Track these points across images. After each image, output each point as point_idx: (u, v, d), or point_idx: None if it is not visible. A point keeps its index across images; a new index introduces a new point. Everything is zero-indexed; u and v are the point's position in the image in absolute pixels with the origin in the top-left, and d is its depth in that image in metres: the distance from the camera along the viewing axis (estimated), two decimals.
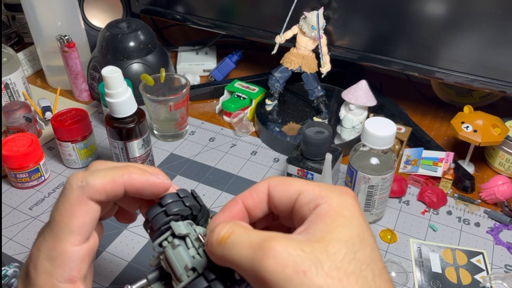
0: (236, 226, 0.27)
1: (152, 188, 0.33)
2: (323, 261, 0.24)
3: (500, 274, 0.52)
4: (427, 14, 0.63)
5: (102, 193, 0.31)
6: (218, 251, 0.27)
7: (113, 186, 0.32)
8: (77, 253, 0.31)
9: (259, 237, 0.26)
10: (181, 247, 0.31)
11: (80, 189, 0.31)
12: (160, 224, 0.32)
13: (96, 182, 0.31)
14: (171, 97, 0.68)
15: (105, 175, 0.32)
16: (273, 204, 0.30)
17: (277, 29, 0.71)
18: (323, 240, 0.25)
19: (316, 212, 0.27)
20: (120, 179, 0.32)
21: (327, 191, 0.28)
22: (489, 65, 0.62)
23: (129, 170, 0.32)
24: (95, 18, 0.91)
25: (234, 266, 0.27)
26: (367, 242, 0.26)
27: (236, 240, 0.26)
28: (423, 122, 0.79)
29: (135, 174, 0.32)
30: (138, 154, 0.62)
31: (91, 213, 0.31)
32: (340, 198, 0.28)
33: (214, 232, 0.28)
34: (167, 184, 0.33)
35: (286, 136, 0.71)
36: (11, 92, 0.76)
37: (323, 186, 0.29)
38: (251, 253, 0.25)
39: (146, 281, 0.32)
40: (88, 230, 0.31)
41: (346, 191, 0.29)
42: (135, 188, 0.32)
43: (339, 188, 0.29)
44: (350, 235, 0.26)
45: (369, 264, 0.25)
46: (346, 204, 0.28)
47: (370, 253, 0.26)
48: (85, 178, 0.31)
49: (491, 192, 0.60)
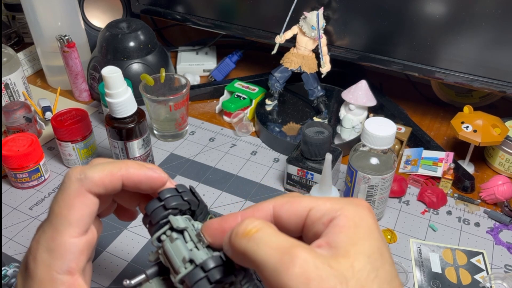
0: (266, 224, 0.27)
1: (150, 182, 0.33)
2: (348, 279, 0.24)
3: (500, 274, 0.52)
4: (427, 14, 0.63)
5: (101, 186, 0.32)
6: (242, 244, 0.26)
7: (111, 179, 0.32)
8: (75, 245, 0.31)
9: (288, 242, 0.25)
10: (179, 240, 0.31)
11: (79, 181, 0.31)
12: (158, 218, 0.33)
13: (95, 175, 0.32)
14: (171, 97, 0.68)
15: (104, 169, 0.32)
16: (281, 224, 0.29)
17: (277, 29, 0.71)
18: (348, 254, 0.25)
19: (333, 224, 0.26)
20: (118, 172, 0.32)
21: (339, 204, 0.27)
22: (489, 65, 0.62)
23: (127, 164, 0.33)
24: (95, 18, 0.91)
25: (254, 264, 0.26)
26: (385, 257, 0.26)
27: (264, 237, 0.25)
28: (423, 122, 0.79)
29: (132, 168, 0.33)
30: (138, 154, 0.62)
31: (90, 205, 0.32)
32: (355, 210, 0.27)
33: (242, 223, 0.27)
34: (164, 179, 0.34)
35: (286, 136, 0.71)
36: (11, 92, 0.76)
37: (333, 200, 0.28)
38: (278, 256, 0.24)
39: (144, 276, 0.32)
40: (86, 222, 0.32)
41: (360, 202, 0.28)
42: (133, 181, 0.33)
43: (351, 200, 0.28)
44: (372, 249, 0.25)
45: (389, 283, 0.25)
46: (362, 215, 0.27)
47: (389, 269, 0.25)
48: (83, 171, 0.32)
49: (491, 192, 0.60)
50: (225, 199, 0.62)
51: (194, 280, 0.29)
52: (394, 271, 0.26)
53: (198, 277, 0.29)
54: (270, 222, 0.28)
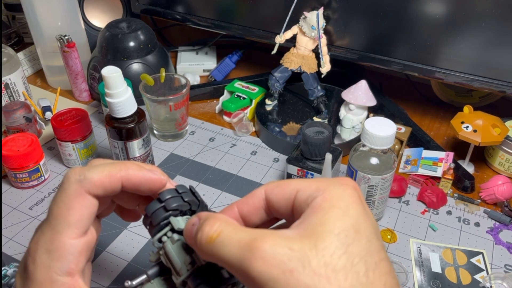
0: (225, 224, 0.27)
1: (149, 184, 0.33)
2: (311, 258, 0.24)
3: (500, 274, 0.52)
4: (427, 14, 0.63)
5: (100, 187, 0.32)
6: (208, 250, 0.27)
7: (111, 180, 0.32)
8: (74, 246, 0.31)
9: (248, 236, 0.25)
10: (180, 241, 0.31)
11: (78, 182, 0.31)
12: (159, 220, 0.33)
13: (94, 176, 0.32)
14: (171, 97, 0.68)
15: (103, 170, 0.32)
16: (273, 208, 0.29)
17: (277, 29, 0.71)
18: (313, 234, 0.25)
19: (311, 205, 0.27)
20: (117, 174, 0.32)
21: (324, 184, 0.27)
22: (489, 65, 0.62)
23: (126, 165, 0.33)
24: (95, 18, 0.91)
25: (223, 265, 0.26)
26: (364, 233, 0.25)
27: (225, 239, 0.26)
28: (423, 122, 0.79)
29: (132, 169, 0.33)
30: (138, 154, 0.62)
31: (89, 206, 0.32)
32: (336, 190, 0.27)
33: (203, 231, 0.27)
34: (163, 180, 0.34)
35: (286, 136, 0.71)
36: (11, 92, 0.76)
37: (320, 180, 0.28)
38: (239, 253, 0.25)
39: (146, 277, 0.32)
40: (85, 223, 0.32)
41: (345, 181, 0.28)
42: (132, 183, 0.33)
43: (337, 180, 0.28)
44: (343, 227, 0.25)
45: (362, 257, 0.24)
46: (343, 195, 0.27)
47: (365, 245, 0.25)
48: (83, 172, 0.32)
49: (491, 192, 0.60)
50: (225, 199, 0.62)
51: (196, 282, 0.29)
52: (373, 247, 0.25)
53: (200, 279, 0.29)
54: (230, 219, 0.28)
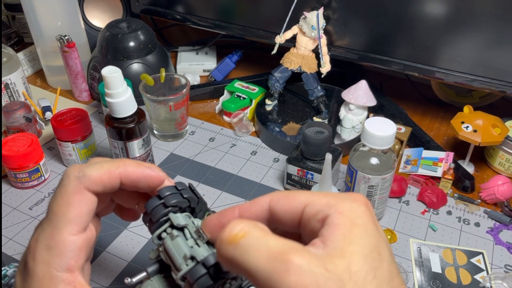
0: (253, 226, 0.25)
1: (147, 180, 0.34)
2: (345, 282, 0.23)
3: (500, 274, 0.52)
4: (427, 14, 0.63)
5: (99, 184, 0.32)
6: (229, 251, 0.24)
7: (109, 177, 0.33)
8: (74, 242, 0.31)
9: (279, 245, 0.24)
10: (179, 237, 0.31)
11: (77, 179, 0.32)
12: (159, 216, 0.33)
13: (93, 173, 0.32)
14: (171, 97, 0.68)
15: (102, 167, 0.33)
16: (278, 219, 0.28)
17: (277, 29, 0.71)
18: (344, 255, 0.24)
19: (328, 222, 0.25)
20: (116, 171, 0.33)
21: (335, 199, 0.26)
22: (489, 65, 0.62)
23: (125, 162, 0.34)
24: (95, 18, 0.91)
25: (245, 273, 0.24)
26: (384, 255, 0.25)
27: (252, 243, 0.24)
28: (423, 122, 0.79)
29: (130, 166, 0.33)
30: (138, 154, 0.62)
31: (88, 203, 0.32)
32: (351, 206, 0.26)
33: (226, 228, 0.25)
34: (161, 177, 0.34)
35: (286, 136, 0.71)
36: (11, 92, 0.76)
37: (330, 195, 0.27)
38: (270, 264, 0.23)
39: (146, 274, 0.32)
40: (85, 220, 0.32)
41: (356, 197, 0.27)
42: (131, 179, 0.33)
43: (348, 195, 0.27)
44: (369, 248, 0.24)
45: (388, 283, 0.24)
46: (358, 211, 0.26)
47: (388, 268, 0.25)
48: (82, 169, 0.32)
49: (491, 192, 0.60)
50: (225, 199, 0.62)
51: (196, 276, 0.29)
52: (394, 269, 0.25)
53: (199, 274, 0.29)
54: (258, 222, 0.26)
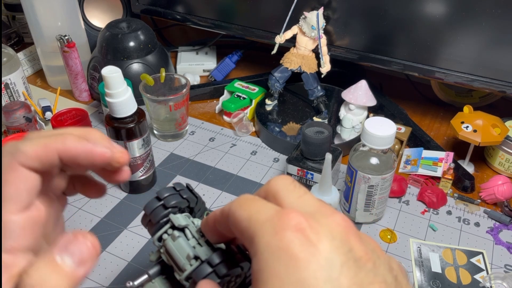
0: None
1: (88, 157, 0.31)
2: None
3: (500, 274, 0.52)
4: (427, 14, 0.63)
5: (35, 159, 0.30)
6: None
7: (46, 152, 0.30)
8: (14, 222, 0.29)
9: None
10: (181, 238, 0.31)
11: (10, 155, 0.30)
12: (159, 218, 0.33)
13: (27, 148, 0.30)
14: (171, 97, 0.68)
15: (38, 142, 0.30)
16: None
17: (277, 29, 0.71)
18: None
19: (252, 270, 0.23)
20: (52, 145, 0.30)
21: (256, 224, 0.23)
22: (489, 65, 0.62)
23: (64, 137, 0.31)
24: (95, 18, 0.91)
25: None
26: None
27: None
28: (423, 122, 0.79)
29: (70, 140, 0.31)
30: (138, 154, 0.62)
31: (25, 180, 0.30)
32: (271, 241, 0.22)
33: None
34: (106, 153, 0.31)
35: (286, 136, 0.71)
36: (11, 92, 0.76)
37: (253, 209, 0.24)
38: None
39: (147, 277, 0.32)
40: (24, 198, 0.30)
41: (287, 216, 0.23)
42: (70, 155, 0.31)
43: (275, 213, 0.23)
44: None
45: None
46: (281, 250, 0.21)
47: None
48: (16, 145, 0.30)
49: (491, 192, 0.60)
50: (225, 199, 0.62)
51: (202, 275, 0.29)
52: None
53: (206, 272, 0.29)
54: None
